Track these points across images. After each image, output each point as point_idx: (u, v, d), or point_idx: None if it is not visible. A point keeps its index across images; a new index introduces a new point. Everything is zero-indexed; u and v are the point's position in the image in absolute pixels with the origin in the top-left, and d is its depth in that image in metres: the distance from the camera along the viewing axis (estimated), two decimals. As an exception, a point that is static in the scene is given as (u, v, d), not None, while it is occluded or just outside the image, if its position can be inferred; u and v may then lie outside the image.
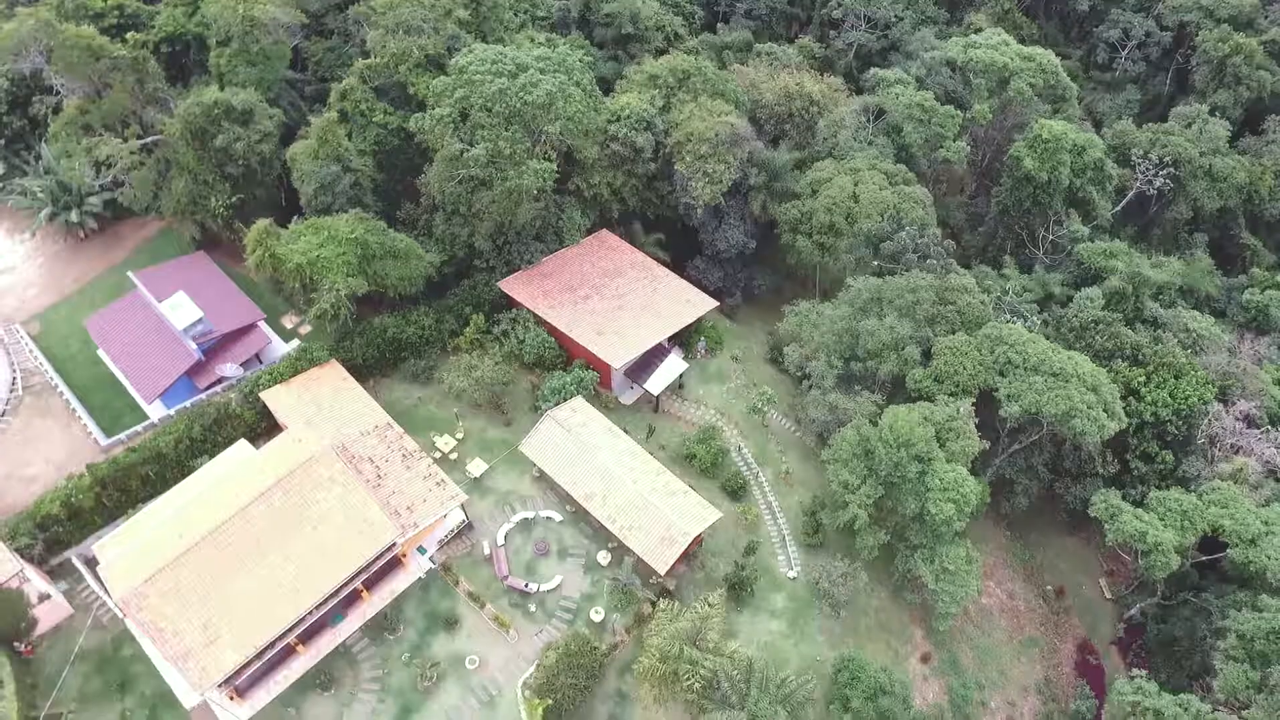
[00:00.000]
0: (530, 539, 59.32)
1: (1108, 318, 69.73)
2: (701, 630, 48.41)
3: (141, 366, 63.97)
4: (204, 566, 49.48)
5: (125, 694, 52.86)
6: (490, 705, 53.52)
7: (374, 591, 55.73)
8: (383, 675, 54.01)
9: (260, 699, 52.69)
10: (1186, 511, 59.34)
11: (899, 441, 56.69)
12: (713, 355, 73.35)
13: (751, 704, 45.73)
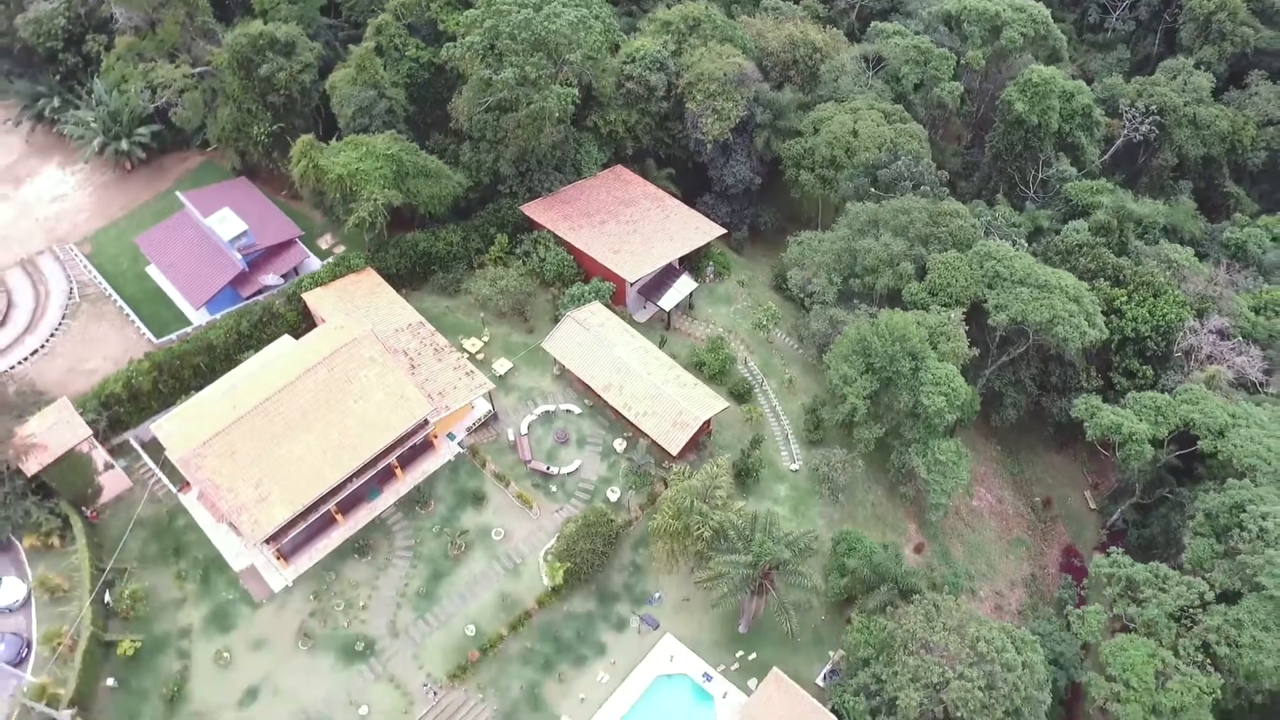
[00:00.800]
0: (551, 429, 64.58)
1: (1092, 241, 74.92)
2: (710, 489, 53.47)
3: (189, 276, 69.40)
4: (256, 432, 54.73)
5: (179, 558, 58.08)
6: (514, 572, 58.65)
7: (407, 470, 61.06)
8: (415, 544, 59.22)
9: (303, 563, 58.01)
10: (1160, 408, 64.31)
11: (894, 336, 61.74)
12: (720, 280, 78.59)
13: (756, 546, 50.80)
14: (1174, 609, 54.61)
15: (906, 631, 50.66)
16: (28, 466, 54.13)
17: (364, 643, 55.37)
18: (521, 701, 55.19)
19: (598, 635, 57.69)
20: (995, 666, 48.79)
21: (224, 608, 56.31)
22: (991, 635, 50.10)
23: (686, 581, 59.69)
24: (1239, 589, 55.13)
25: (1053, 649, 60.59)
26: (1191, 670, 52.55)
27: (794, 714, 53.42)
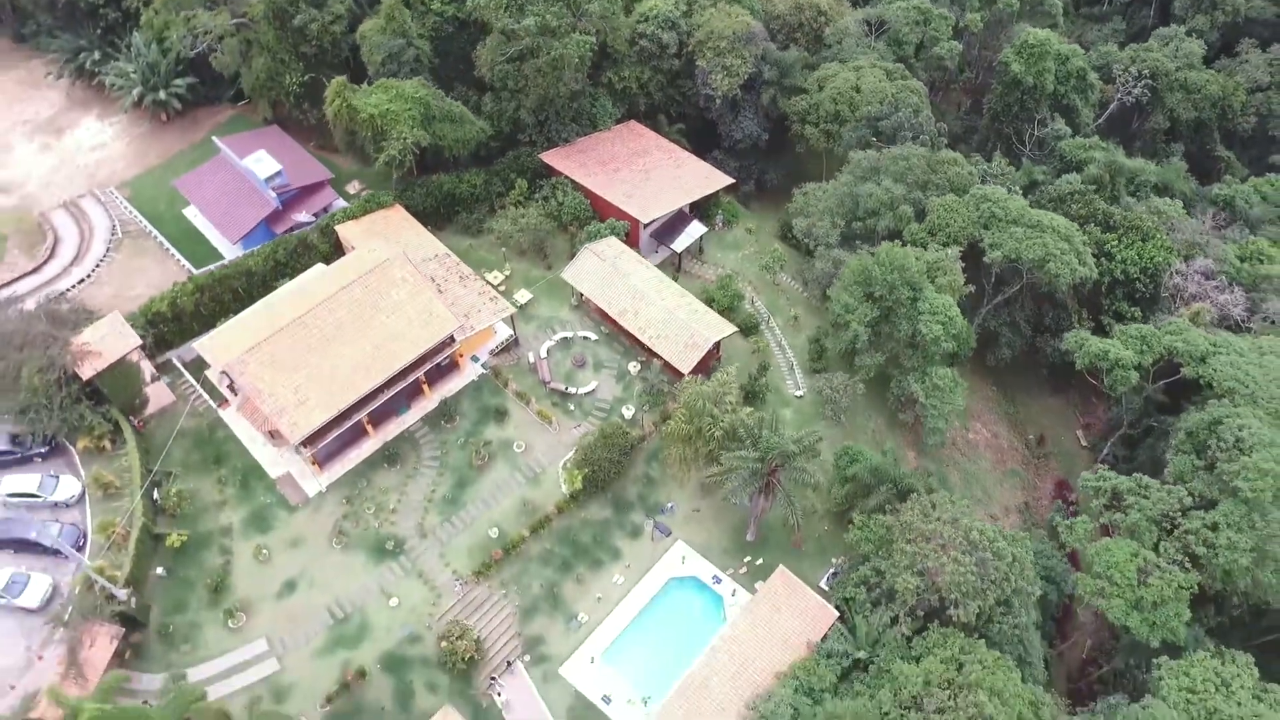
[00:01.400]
0: (569, 354, 68.80)
1: (1084, 189, 79.14)
2: (721, 395, 57.56)
3: (226, 214, 73.75)
4: (295, 343, 58.93)
5: (220, 465, 62.27)
6: (535, 481, 62.81)
7: (434, 388, 65.30)
8: (441, 455, 63.38)
9: (336, 470, 62.21)
10: (1145, 337, 68.36)
11: (894, 266, 65.89)
12: (729, 228, 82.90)
13: (763, 443, 54.92)
14: (1155, 514, 58.54)
15: (904, 524, 54.71)
16: (83, 371, 58.39)
17: (394, 542, 59.54)
18: (542, 598, 59.30)
19: (613, 541, 61.83)
20: (987, 554, 52.81)
21: (262, 510, 60.46)
22: (984, 528, 54.19)
23: (697, 494, 63.94)
24: (1216, 497, 59.08)
25: (1045, 565, 64.59)
26: (1171, 568, 56.44)
27: (799, 607, 57.52)
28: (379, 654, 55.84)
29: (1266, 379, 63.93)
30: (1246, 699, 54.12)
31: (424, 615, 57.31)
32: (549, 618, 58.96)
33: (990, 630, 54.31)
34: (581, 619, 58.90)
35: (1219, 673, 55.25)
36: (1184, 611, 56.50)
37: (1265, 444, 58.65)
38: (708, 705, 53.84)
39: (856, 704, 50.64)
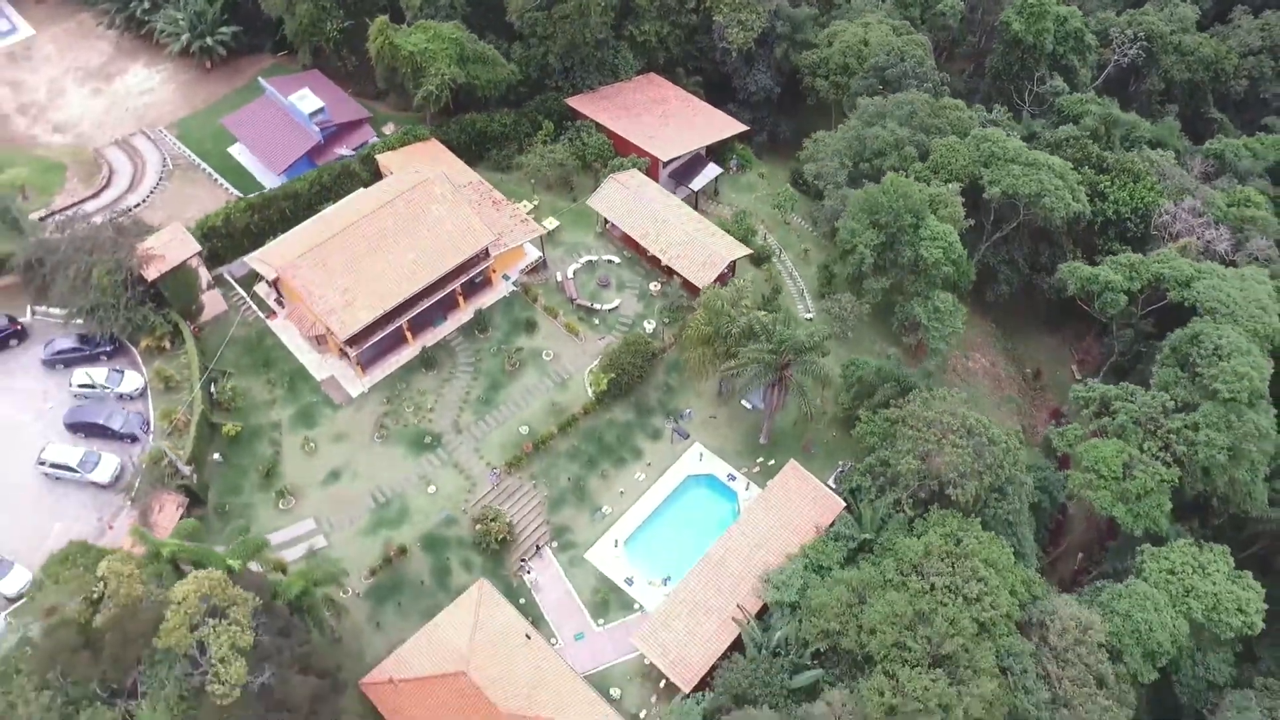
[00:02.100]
0: (594, 275, 74.06)
1: (1079, 134, 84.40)
2: (738, 298, 62.74)
3: (271, 147, 79.19)
4: (343, 251, 64.19)
5: (269, 369, 67.48)
6: (562, 386, 67.96)
7: (469, 302, 70.52)
8: (475, 361, 68.57)
9: (377, 374, 67.39)
10: (1133, 264, 73.47)
11: (898, 194, 71.04)
12: (743, 172, 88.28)
13: (778, 336, 60.08)
14: (1140, 416, 63.54)
15: (907, 415, 59.75)
16: (148, 273, 63.69)
17: (431, 437, 64.68)
18: (569, 491, 64.36)
19: (635, 442, 66.92)
20: (983, 439, 57.84)
21: (309, 408, 65.62)
22: (980, 418, 59.24)
23: (714, 402, 69.12)
24: (1197, 401, 64.04)
25: (1039, 476, 69.57)
26: (1154, 463, 61.43)
27: (809, 496, 62.57)
28: (418, 535, 60.94)
29: (1246, 300, 68.87)
30: (1221, 580, 59.09)
31: (460, 501, 62.41)
32: (575, 509, 64.04)
33: (986, 514, 59.26)
34: (605, 511, 63.97)
35: (1197, 558, 60.27)
36: (1165, 503, 61.53)
37: (1242, 351, 63.72)
38: (724, 580, 58.83)
39: (861, 572, 55.64)
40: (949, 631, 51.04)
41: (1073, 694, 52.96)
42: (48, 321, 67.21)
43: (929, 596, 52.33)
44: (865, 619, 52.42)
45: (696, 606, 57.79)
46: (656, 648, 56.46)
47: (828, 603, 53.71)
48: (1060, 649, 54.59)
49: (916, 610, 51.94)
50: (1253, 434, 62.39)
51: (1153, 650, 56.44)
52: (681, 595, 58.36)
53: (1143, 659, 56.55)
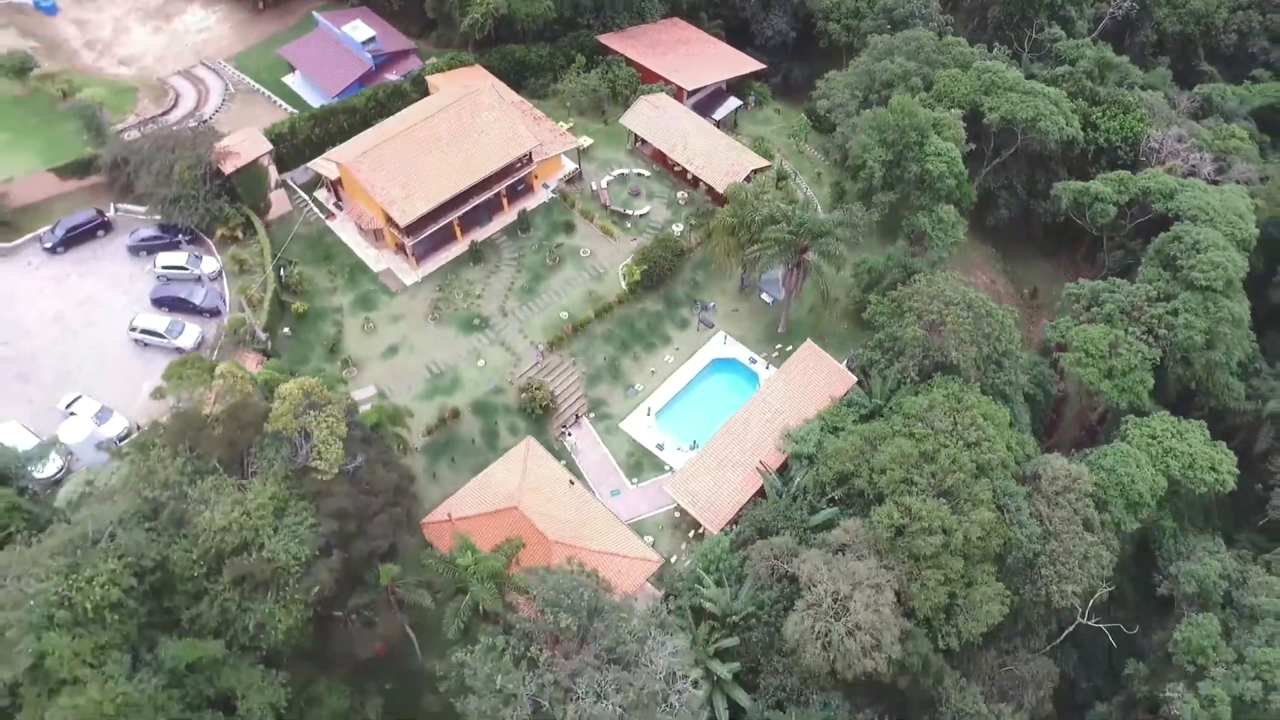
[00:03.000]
0: (626, 186, 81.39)
1: (1073, 71, 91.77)
2: (761, 191, 69.98)
3: (325, 72, 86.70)
4: (401, 151, 71.47)
5: (330, 262, 74.72)
6: (599, 278, 75.15)
7: (512, 205, 77.80)
8: (519, 257, 75.79)
9: (429, 267, 74.60)
10: (1122, 179, 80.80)
11: (905, 113, 78.28)
12: (760, 107, 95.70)
13: (797, 219, 67.27)
14: (1125, 304, 70.67)
15: (913, 291, 66.85)
16: (225, 168, 70.99)
17: (480, 319, 71.83)
18: (604, 369, 71.46)
19: (664, 329, 74.05)
20: (981, 311, 64.91)
21: (367, 295, 72.79)
22: (980, 294, 66.32)
23: (736, 297, 76.38)
24: (1177, 292, 71.12)
25: (1035, 375, 76.54)
26: (1137, 343, 68.48)
27: (824, 371, 69.62)
28: (469, 401, 67.99)
29: (1224, 208, 76.03)
30: (1198, 444, 66.01)
31: (506, 374, 69.47)
32: (610, 385, 71.10)
33: (984, 383, 66.21)
34: (638, 388, 71.01)
35: (1176, 427, 67.20)
36: (1148, 379, 68.64)
37: (1219, 246, 70.89)
38: (747, 441, 65.82)
39: (872, 426, 62.63)
40: (950, 469, 57.91)
41: (1061, 529, 59.79)
42: (129, 216, 74.46)
43: (932, 439, 59.20)
44: (875, 461, 59.35)
45: (722, 462, 64.77)
46: (687, 495, 63.43)
47: (842, 448, 60.72)
48: (1051, 494, 61.45)
49: (922, 452, 58.85)
50: (1227, 319, 69.53)
51: (1134, 501, 63.30)
52: (708, 453, 65.35)
53: (1125, 509, 63.39)
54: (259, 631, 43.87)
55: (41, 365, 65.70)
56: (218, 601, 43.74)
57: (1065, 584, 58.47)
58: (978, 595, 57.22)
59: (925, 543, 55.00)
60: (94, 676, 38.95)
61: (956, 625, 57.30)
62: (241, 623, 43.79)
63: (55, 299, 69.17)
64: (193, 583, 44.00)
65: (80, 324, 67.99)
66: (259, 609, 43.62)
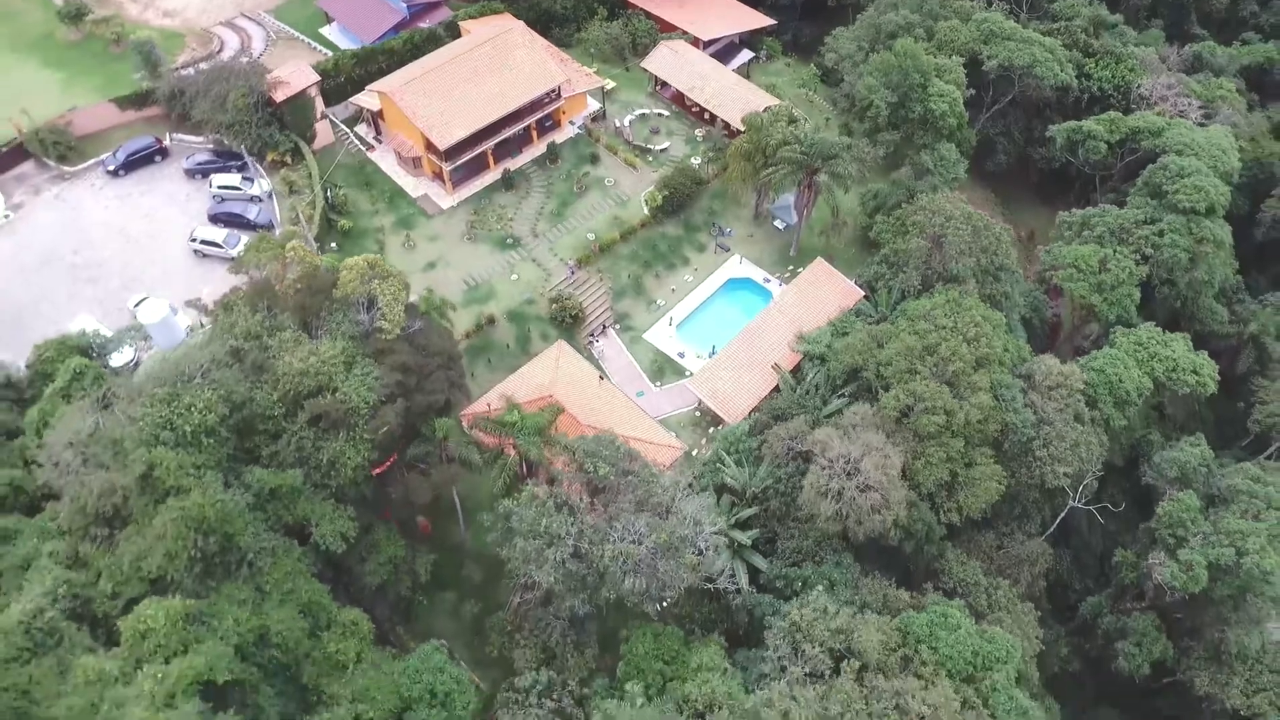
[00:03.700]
0: (647, 124, 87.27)
1: (1069, 25, 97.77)
2: (775, 118, 75.76)
3: (362, 21, 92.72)
4: (439, 83, 77.30)
5: (371, 188, 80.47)
6: (623, 205, 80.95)
7: (541, 139, 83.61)
8: (548, 184, 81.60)
9: (464, 193, 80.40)
10: (1113, 119, 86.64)
11: (909, 55, 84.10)
12: (771, 61, 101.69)
13: (808, 141, 73.02)
14: (1114, 226, 76.40)
15: (916, 207, 72.57)
16: (276, 96, 76.78)
17: (512, 239, 77.56)
18: (629, 286, 77.16)
19: (684, 251, 79.77)
20: (980, 225, 70.60)
21: (407, 217, 78.52)
22: (979, 212, 72.00)
23: (751, 223, 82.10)
24: (1163, 216, 76.80)
25: (1030, 300, 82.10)
26: (1125, 259, 74.13)
27: (833, 285, 75.31)
28: (504, 310, 73.65)
29: (1209, 143, 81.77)
30: (1181, 351, 71.48)
31: (538, 287, 75.14)
32: (634, 301, 76.81)
33: (982, 292, 71.76)
34: (660, 303, 76.68)
35: (1161, 337, 72.66)
36: (1135, 294, 74.32)
37: (1202, 173, 76.64)
38: (763, 345, 71.43)
39: (878, 327, 68.22)
40: (951, 360, 63.42)
41: (1054, 418, 65.24)
42: (184, 144, 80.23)
43: (934, 334, 64.74)
44: (882, 356, 64.89)
45: (740, 363, 70.37)
46: (707, 391, 69.02)
47: (851, 344, 66.33)
48: (1044, 389, 66.90)
49: (925, 346, 64.38)
50: (1209, 239, 75.25)
51: (1122, 399, 68.70)
52: (726, 355, 70.98)
53: (1113, 407, 68.79)
54: (330, 467, 49.32)
55: (109, 271, 71.41)
56: (295, 439, 49.23)
57: (1058, 465, 63.87)
58: (977, 473, 62.64)
59: (929, 421, 60.47)
60: (196, 485, 44.44)
61: (957, 501, 62.73)
62: (315, 459, 49.23)
63: (119, 215, 74.93)
64: (272, 422, 49.54)
65: (143, 237, 73.69)
66: (331, 446, 49.08)
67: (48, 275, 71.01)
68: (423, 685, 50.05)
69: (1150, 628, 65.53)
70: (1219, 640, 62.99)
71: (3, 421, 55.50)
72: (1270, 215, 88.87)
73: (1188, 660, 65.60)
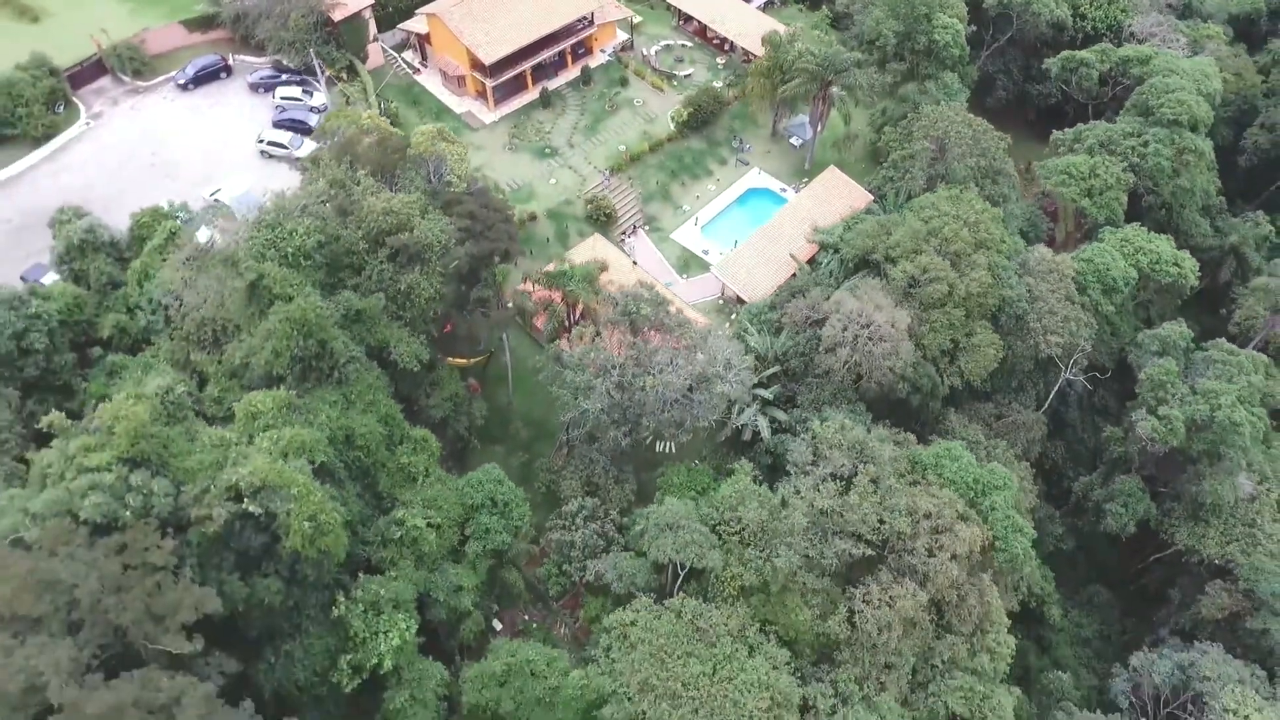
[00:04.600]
0: (671, 54, 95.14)
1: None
2: (793, 37, 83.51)
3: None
4: (484, 6, 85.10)
5: (418, 106, 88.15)
6: (651, 122, 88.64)
7: (575, 63, 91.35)
8: (582, 103, 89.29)
9: (505, 109, 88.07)
10: (1105, 50, 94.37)
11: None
12: (785, 6, 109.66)
13: (823, 54, 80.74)
14: (1103, 138, 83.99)
15: (921, 114, 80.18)
16: (334, 16, 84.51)
17: (550, 149, 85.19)
18: (656, 192, 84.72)
19: (707, 164, 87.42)
20: (980, 130, 78.18)
21: (452, 129, 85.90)
22: (979, 119, 79.60)
23: (769, 141, 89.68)
24: (1149, 130, 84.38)
25: (1029, 215, 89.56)
26: (1114, 166, 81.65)
27: (845, 190, 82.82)
28: (544, 209, 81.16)
29: (1194, 68, 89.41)
30: (1164, 248, 78.84)
31: (575, 190, 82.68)
32: (662, 206, 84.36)
33: (982, 192, 79.19)
34: (685, 208, 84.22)
35: (1146, 236, 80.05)
36: (1122, 198, 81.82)
37: (1186, 90, 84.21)
38: (780, 238, 78.87)
39: (887, 217, 75.65)
40: (953, 240, 70.78)
41: (1047, 296, 72.56)
42: (245, 63, 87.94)
43: (938, 219, 72.11)
44: (890, 240, 72.27)
45: (760, 252, 77.83)
46: (730, 275, 76.42)
47: (862, 230, 73.74)
48: (1038, 273, 74.27)
49: (929, 229, 71.80)
50: (1191, 150, 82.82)
51: (1109, 286, 76.04)
52: (748, 247, 78.44)
53: (1101, 294, 76.15)
54: (406, 297, 56.64)
55: (184, 169, 78.83)
56: (376, 271, 56.57)
57: (1050, 336, 71.16)
58: (977, 340, 69.93)
59: (933, 289, 67.82)
60: (298, 293, 51.78)
61: (959, 367, 70.01)
62: (393, 289, 56.57)
63: (190, 123, 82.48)
64: (356, 257, 56.86)
65: (213, 140, 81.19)
66: (407, 277, 56.42)
67: (128, 173, 78.47)
68: (484, 494, 57.36)
69: (1135, 489, 72.55)
70: (1196, 494, 69.93)
71: (109, 274, 62.83)
72: (1252, 142, 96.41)
73: (1169, 520, 72.62)
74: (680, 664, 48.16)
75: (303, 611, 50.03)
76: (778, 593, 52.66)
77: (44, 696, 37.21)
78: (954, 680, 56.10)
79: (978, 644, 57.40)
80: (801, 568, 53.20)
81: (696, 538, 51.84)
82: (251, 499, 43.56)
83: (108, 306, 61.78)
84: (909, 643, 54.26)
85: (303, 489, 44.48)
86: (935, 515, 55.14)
